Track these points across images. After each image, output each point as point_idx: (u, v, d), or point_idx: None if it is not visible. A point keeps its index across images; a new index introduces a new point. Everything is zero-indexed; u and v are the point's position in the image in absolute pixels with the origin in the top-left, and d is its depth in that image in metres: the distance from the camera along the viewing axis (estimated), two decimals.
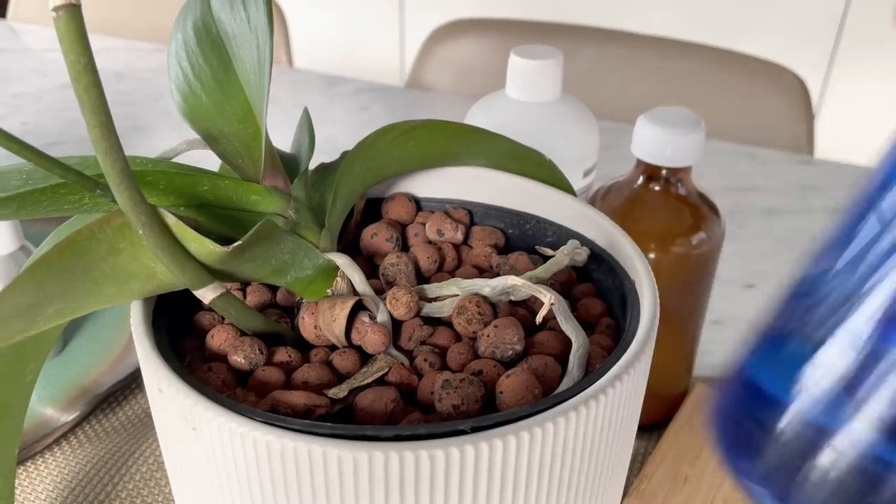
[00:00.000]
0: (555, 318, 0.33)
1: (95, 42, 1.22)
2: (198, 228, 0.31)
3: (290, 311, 0.36)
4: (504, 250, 0.41)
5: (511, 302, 0.34)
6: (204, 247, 0.30)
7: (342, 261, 0.35)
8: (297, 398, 0.28)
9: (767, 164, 0.89)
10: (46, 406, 0.51)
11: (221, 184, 0.33)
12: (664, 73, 1.02)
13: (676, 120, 0.45)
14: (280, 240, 0.33)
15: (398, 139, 0.38)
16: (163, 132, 0.96)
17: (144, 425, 0.52)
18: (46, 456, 0.50)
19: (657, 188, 0.46)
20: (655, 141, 0.44)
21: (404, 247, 0.40)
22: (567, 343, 0.32)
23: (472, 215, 0.42)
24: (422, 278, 0.38)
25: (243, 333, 0.32)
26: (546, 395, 0.29)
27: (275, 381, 0.30)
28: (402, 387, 0.30)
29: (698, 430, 0.50)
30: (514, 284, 0.32)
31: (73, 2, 0.24)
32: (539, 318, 0.31)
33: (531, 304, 0.35)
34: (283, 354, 0.32)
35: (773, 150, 0.93)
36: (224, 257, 0.30)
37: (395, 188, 0.42)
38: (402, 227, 0.41)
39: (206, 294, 0.31)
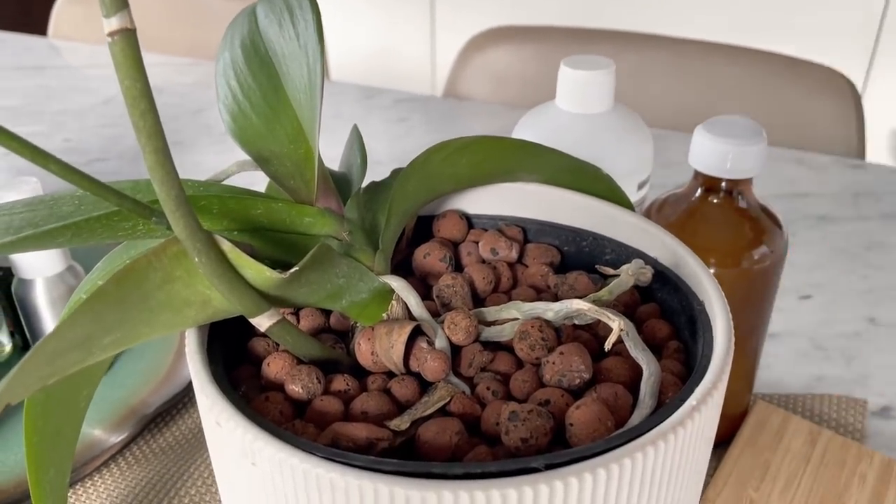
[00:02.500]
0: (621, 342, 0.32)
1: None
2: (252, 254, 0.30)
3: (345, 335, 0.35)
4: (560, 269, 0.39)
5: (575, 326, 0.33)
6: (261, 273, 0.29)
7: (397, 284, 0.33)
8: (359, 431, 0.27)
9: (818, 170, 0.86)
10: (95, 427, 0.50)
11: (275, 207, 0.32)
12: (707, 77, 1.00)
13: (737, 130, 0.43)
14: (335, 263, 0.32)
15: (451, 156, 0.36)
16: (203, 147, 0.96)
17: (192, 446, 0.52)
18: (96, 478, 0.49)
19: (716, 201, 0.44)
20: (715, 152, 0.43)
21: (457, 266, 0.39)
22: (636, 370, 0.31)
23: (525, 233, 0.41)
24: (477, 299, 0.37)
25: (299, 361, 0.31)
26: (618, 428, 0.28)
27: (334, 412, 0.29)
28: (465, 417, 0.29)
29: (762, 450, 0.48)
30: (579, 309, 0.30)
31: (128, 27, 0.23)
32: (608, 346, 0.29)
33: (595, 328, 0.34)
34: (340, 383, 0.31)
35: (823, 154, 0.90)
36: (281, 283, 0.29)
37: (445, 205, 0.41)
38: (454, 246, 0.40)
39: (263, 321, 0.30)
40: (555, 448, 0.27)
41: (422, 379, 0.31)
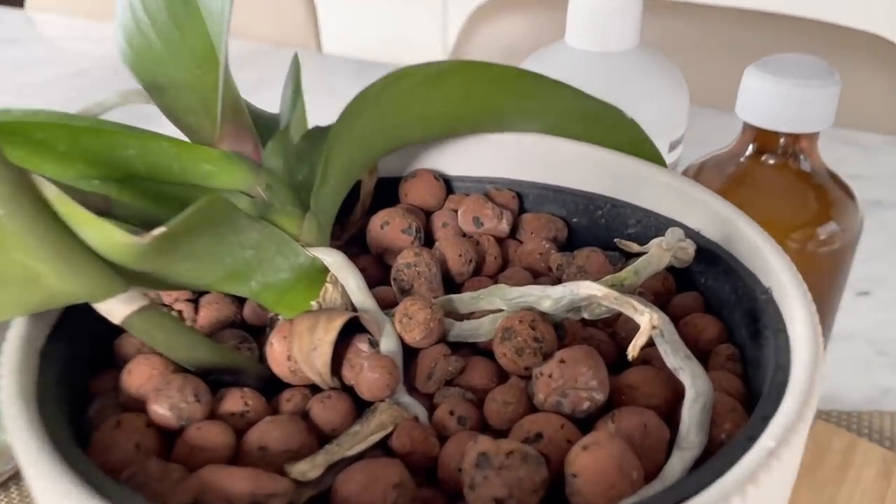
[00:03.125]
0: (652, 345, 0.22)
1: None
2: (107, 212, 0.20)
3: (261, 334, 0.25)
4: (566, 247, 0.29)
5: (583, 322, 0.23)
6: (107, 236, 0.19)
7: (333, 259, 0.24)
8: (238, 482, 0.17)
9: (869, 150, 0.76)
10: None
11: (155, 146, 0.23)
12: (738, 48, 0.89)
13: (799, 69, 0.33)
14: (239, 227, 0.22)
15: (418, 90, 0.26)
16: None
17: None
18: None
19: (772, 163, 0.34)
20: (772, 97, 0.33)
21: (428, 242, 0.29)
22: (673, 387, 0.21)
23: (521, 199, 0.31)
24: (452, 285, 0.27)
25: (181, 369, 0.22)
26: (648, 481, 0.18)
27: (215, 447, 0.19)
28: (415, 458, 0.19)
29: (823, 483, 0.38)
30: (590, 295, 0.20)
31: None
32: (633, 352, 0.19)
33: (613, 326, 0.24)
34: (235, 401, 0.21)
35: (875, 133, 0.79)
36: (141, 252, 0.19)
37: (416, 163, 0.31)
38: (425, 216, 0.30)
39: (115, 308, 0.20)
40: None
41: (359, 398, 0.21)
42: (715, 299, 0.25)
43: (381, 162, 0.30)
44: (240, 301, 0.26)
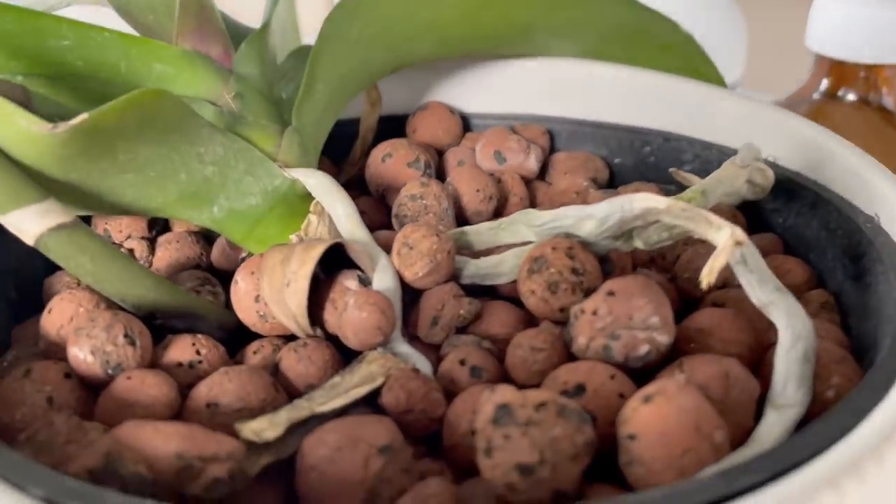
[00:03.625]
0: (732, 285, 0.17)
1: None
2: (28, 109, 0.16)
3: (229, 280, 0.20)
4: (609, 188, 0.24)
5: (634, 263, 0.18)
6: (10, 122, 0.14)
7: (317, 181, 0.19)
8: (163, 440, 0.12)
9: None
10: None
11: (98, 39, 0.18)
12: None
13: None
14: (198, 137, 0.17)
15: None
16: None
17: None
18: None
19: (852, 99, 0.29)
20: (849, 22, 0.27)
21: (439, 178, 0.24)
22: (759, 331, 0.16)
23: (553, 138, 0.26)
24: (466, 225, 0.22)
25: (116, 309, 0.17)
26: (736, 447, 0.13)
27: (149, 403, 0.15)
28: (412, 419, 0.14)
29: None
30: (648, 208, 0.15)
31: None
32: (710, 276, 0.14)
33: (674, 269, 0.19)
34: (183, 349, 0.16)
35: None
36: (58, 147, 0.15)
37: (427, 96, 0.26)
38: (438, 156, 0.25)
39: (27, 222, 0.15)
40: (595, 488, 0.13)
41: (345, 348, 0.17)
42: (798, 241, 0.20)
43: (385, 94, 0.26)
44: (208, 242, 0.21)
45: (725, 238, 0.14)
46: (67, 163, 0.16)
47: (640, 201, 0.15)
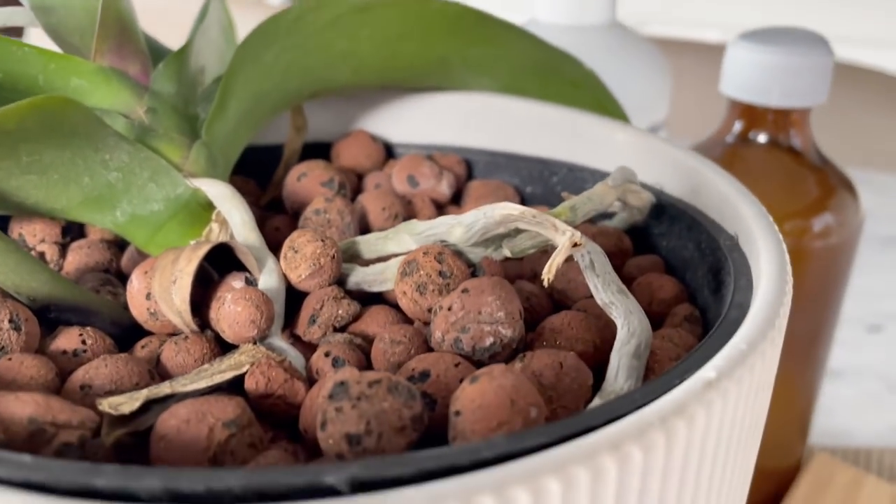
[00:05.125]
0: (589, 297, 0.18)
1: None
2: None
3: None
4: None
5: (507, 262, 0.19)
6: None
7: (217, 190, 0.20)
8: (19, 405, 0.13)
9: (884, 189, 0.72)
10: None
11: (17, 52, 0.19)
12: None
13: (789, 39, 0.29)
14: (104, 144, 0.19)
15: (342, 22, 0.23)
16: None
17: None
18: None
19: (763, 140, 0.31)
20: (759, 68, 0.29)
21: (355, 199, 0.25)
22: (609, 332, 0.17)
23: (471, 167, 0.27)
24: None
25: (11, 300, 0.18)
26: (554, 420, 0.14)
27: (25, 383, 0.15)
28: (272, 403, 0.15)
29: None
30: (506, 215, 0.16)
31: None
32: (549, 273, 0.15)
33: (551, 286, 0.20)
34: (70, 338, 0.17)
35: (889, 174, 0.76)
36: None
37: (351, 125, 0.28)
38: (358, 178, 0.26)
39: None
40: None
41: (230, 344, 0.17)
42: (678, 261, 0.21)
43: (312, 122, 0.27)
44: (119, 249, 0.22)
45: (564, 241, 0.15)
46: None
47: (500, 209, 0.17)
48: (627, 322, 0.15)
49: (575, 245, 0.15)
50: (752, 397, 0.14)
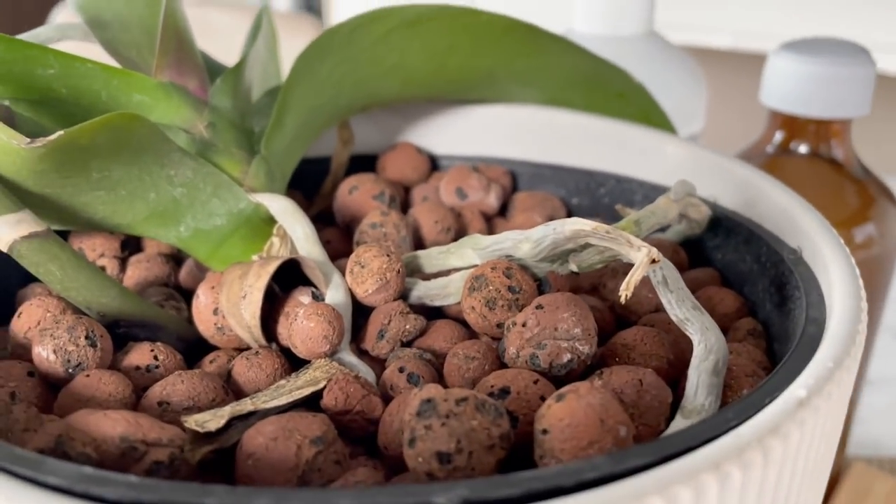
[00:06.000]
0: (659, 310, 0.18)
1: None
2: (10, 125, 0.17)
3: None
4: None
5: (572, 276, 0.19)
6: None
7: (279, 205, 0.20)
8: (110, 424, 0.13)
9: None
10: None
11: (82, 69, 0.20)
12: None
13: (831, 50, 0.29)
14: (169, 160, 0.19)
15: (393, 36, 0.23)
16: None
17: None
18: None
19: (804, 151, 0.31)
20: (801, 79, 0.29)
21: (405, 213, 0.25)
22: (681, 348, 0.17)
23: (515, 179, 0.27)
24: None
25: (82, 315, 0.18)
26: (639, 442, 0.14)
27: (104, 400, 0.16)
28: (350, 420, 0.15)
29: None
30: (577, 230, 0.16)
31: None
32: (628, 289, 0.15)
33: (603, 292, 0.20)
34: (142, 354, 0.17)
35: None
36: (35, 161, 0.16)
37: (397, 137, 0.28)
38: (406, 192, 0.27)
39: (1, 230, 0.16)
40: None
41: (297, 358, 0.18)
42: (735, 274, 0.21)
43: (358, 134, 0.27)
44: (177, 263, 0.22)
45: (641, 258, 0.15)
46: (43, 177, 0.17)
47: (571, 224, 0.17)
48: (704, 338, 0.15)
49: (653, 262, 0.15)
50: (837, 411, 0.14)
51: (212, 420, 0.14)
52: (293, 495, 0.11)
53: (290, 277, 0.19)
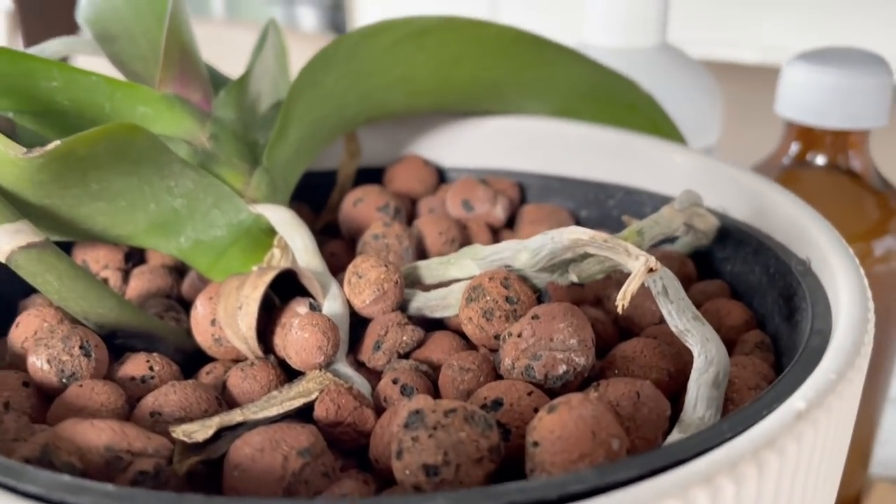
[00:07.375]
0: (661, 322, 0.17)
1: None
2: (10, 136, 0.17)
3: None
4: None
5: (572, 287, 0.19)
6: None
7: (279, 216, 0.20)
8: (95, 433, 0.13)
9: None
10: None
11: (85, 81, 0.20)
12: None
13: (848, 60, 0.29)
14: (169, 171, 0.19)
15: (399, 47, 0.23)
16: None
17: None
18: None
19: (821, 163, 0.30)
20: (817, 90, 0.29)
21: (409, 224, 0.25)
22: (683, 360, 0.16)
23: (524, 191, 0.27)
24: None
25: (80, 325, 0.18)
26: (634, 454, 0.13)
27: (96, 410, 0.15)
28: (342, 432, 0.15)
29: None
30: (575, 239, 0.16)
31: None
32: (624, 298, 0.15)
33: (607, 304, 0.20)
34: (137, 365, 0.17)
35: None
36: (33, 171, 0.16)
37: (404, 150, 0.28)
38: (412, 205, 0.26)
39: None
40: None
41: (293, 370, 0.17)
42: (744, 286, 0.21)
43: (365, 147, 0.27)
44: (180, 275, 0.22)
45: (639, 267, 0.15)
46: (42, 188, 0.17)
47: (568, 233, 0.16)
48: (704, 350, 0.15)
49: (651, 270, 0.15)
50: (840, 426, 0.13)
51: (200, 430, 0.14)
52: None
53: (290, 288, 0.19)
